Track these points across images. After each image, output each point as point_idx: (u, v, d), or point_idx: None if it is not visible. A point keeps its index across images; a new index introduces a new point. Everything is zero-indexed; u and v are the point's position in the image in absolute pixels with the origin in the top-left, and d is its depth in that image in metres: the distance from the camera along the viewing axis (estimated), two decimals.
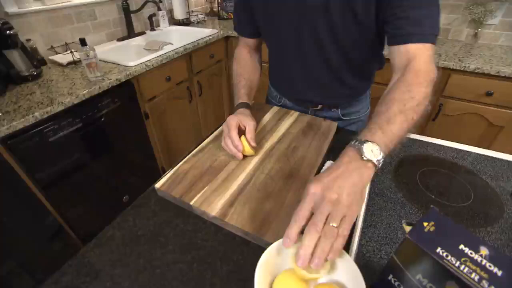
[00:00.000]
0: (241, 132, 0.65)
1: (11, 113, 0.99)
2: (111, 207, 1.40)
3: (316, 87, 0.78)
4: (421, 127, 1.62)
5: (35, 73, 1.24)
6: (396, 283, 0.35)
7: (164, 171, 1.72)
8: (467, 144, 0.72)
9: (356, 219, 0.53)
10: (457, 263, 0.28)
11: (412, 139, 0.75)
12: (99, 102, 1.19)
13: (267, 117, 0.81)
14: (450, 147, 0.72)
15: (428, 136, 0.75)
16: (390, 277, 0.35)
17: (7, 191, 1.04)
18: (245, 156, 0.64)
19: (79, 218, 1.29)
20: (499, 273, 0.27)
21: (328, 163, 0.65)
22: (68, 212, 1.23)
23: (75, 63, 1.37)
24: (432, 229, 0.31)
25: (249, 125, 0.65)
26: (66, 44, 1.48)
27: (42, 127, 1.02)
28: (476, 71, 1.34)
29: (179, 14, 1.99)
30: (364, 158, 0.40)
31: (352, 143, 0.43)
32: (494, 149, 0.71)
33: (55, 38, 1.45)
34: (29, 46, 1.32)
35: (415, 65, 0.50)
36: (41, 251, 1.24)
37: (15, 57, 1.20)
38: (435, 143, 0.73)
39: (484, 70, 1.32)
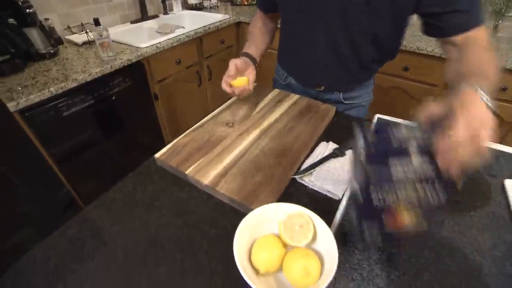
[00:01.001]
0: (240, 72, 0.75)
1: (29, 87, 1.05)
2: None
3: (321, 69, 0.80)
4: None
5: (52, 51, 1.30)
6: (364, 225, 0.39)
7: None
8: None
9: (342, 196, 0.55)
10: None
11: (410, 125, 0.75)
12: (110, 81, 1.24)
13: (267, 98, 0.82)
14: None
15: None
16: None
17: (25, 160, 1.12)
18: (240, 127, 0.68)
19: (90, 193, 1.36)
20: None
21: (323, 144, 0.67)
22: (80, 186, 1.31)
23: (89, 43, 1.42)
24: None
25: (251, 73, 0.77)
26: (82, 24, 1.52)
27: (56, 101, 1.08)
28: None
29: None
30: (485, 103, 0.41)
31: (470, 86, 0.44)
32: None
33: (71, 19, 1.50)
34: (47, 25, 1.38)
35: (481, 42, 0.57)
36: (54, 221, 1.33)
37: (34, 35, 1.25)
38: None
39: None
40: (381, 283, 0.42)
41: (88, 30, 1.45)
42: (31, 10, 1.20)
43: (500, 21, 1.55)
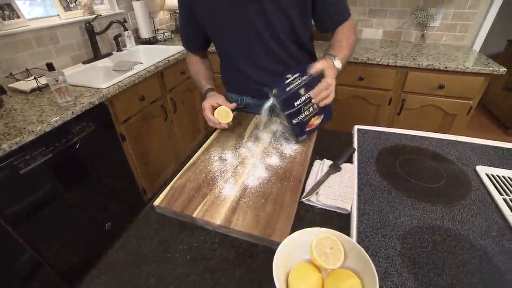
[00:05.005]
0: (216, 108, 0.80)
1: None
2: (93, 237, 1.33)
3: (266, 76, 0.86)
4: (389, 121, 1.76)
5: None
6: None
7: (144, 192, 1.67)
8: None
9: (351, 209, 0.57)
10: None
11: (387, 132, 0.82)
12: (72, 128, 1.14)
13: (251, 125, 0.84)
14: (420, 136, 0.80)
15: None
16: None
17: None
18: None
19: (58, 252, 1.20)
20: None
21: (317, 162, 0.70)
22: (45, 247, 1.14)
23: (40, 89, 1.30)
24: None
25: (219, 101, 0.81)
26: (27, 70, 1.40)
27: (11, 159, 0.95)
28: (428, 68, 1.50)
29: (145, 33, 1.98)
30: (336, 66, 0.71)
31: (329, 56, 0.72)
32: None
33: (13, 65, 1.37)
34: None
35: (347, 27, 0.81)
36: None
37: None
38: (406, 134, 0.81)
39: (435, 66, 1.48)
40: (412, 285, 0.44)
41: (36, 76, 1.33)
42: None
43: (425, 31, 1.82)
